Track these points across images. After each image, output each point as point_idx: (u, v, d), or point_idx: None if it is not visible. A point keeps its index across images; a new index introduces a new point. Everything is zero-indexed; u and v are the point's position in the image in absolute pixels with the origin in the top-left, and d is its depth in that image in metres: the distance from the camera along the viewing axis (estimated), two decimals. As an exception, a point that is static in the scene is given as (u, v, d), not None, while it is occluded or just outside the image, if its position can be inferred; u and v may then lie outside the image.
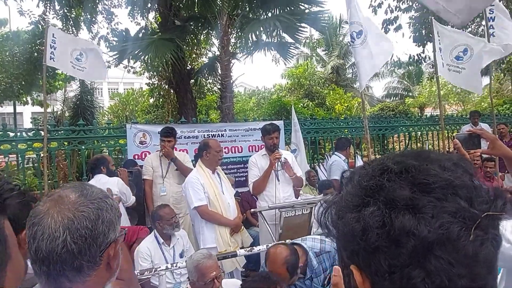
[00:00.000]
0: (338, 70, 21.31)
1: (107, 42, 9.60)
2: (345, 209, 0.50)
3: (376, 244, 0.46)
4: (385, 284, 0.46)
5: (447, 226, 0.43)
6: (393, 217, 0.44)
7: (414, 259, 0.43)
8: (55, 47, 4.75)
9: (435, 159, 0.49)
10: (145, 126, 5.66)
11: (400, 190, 0.46)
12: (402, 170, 0.48)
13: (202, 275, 2.30)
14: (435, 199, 0.44)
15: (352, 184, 0.52)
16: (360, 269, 0.49)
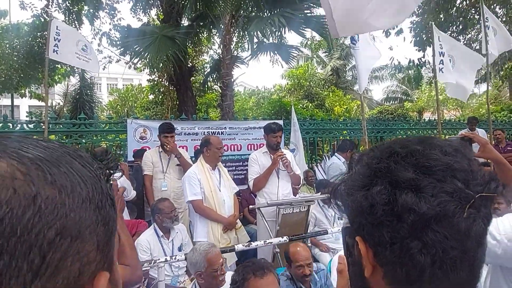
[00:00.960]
0: (338, 72, 21.39)
1: (109, 38, 9.61)
2: (355, 188, 0.56)
3: (381, 218, 0.51)
4: (386, 253, 0.52)
5: (444, 204, 0.48)
6: (397, 195, 0.50)
7: (413, 232, 0.49)
8: (59, 39, 4.77)
9: (438, 144, 0.54)
10: (146, 122, 5.69)
11: (405, 172, 0.51)
12: (407, 154, 0.53)
13: (211, 264, 2.38)
14: (435, 180, 0.49)
15: (361, 165, 0.57)
16: (364, 240, 0.55)
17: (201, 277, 2.40)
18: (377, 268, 0.55)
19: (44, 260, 0.30)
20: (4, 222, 0.29)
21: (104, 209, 0.37)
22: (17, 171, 0.32)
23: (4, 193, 0.30)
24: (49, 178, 0.33)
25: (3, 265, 0.28)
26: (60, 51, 4.74)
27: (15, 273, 0.29)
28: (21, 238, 0.29)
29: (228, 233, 3.64)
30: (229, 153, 6.02)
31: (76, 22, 9.15)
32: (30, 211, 0.30)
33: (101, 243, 0.36)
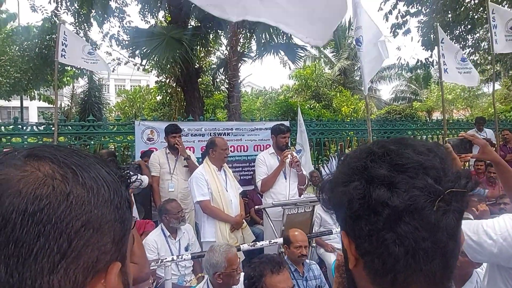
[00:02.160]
0: (346, 72, 21.30)
1: (117, 40, 9.72)
2: (336, 184, 0.60)
3: (358, 212, 0.55)
4: (365, 245, 0.56)
5: (415, 198, 0.52)
6: (371, 190, 0.54)
7: (388, 225, 0.53)
8: (66, 44, 4.88)
9: (411, 144, 0.58)
10: (153, 123, 5.76)
11: (379, 169, 0.55)
12: (383, 153, 0.57)
13: (231, 264, 2.45)
14: (407, 177, 0.53)
15: (343, 165, 0.62)
16: (347, 234, 0.60)
17: (220, 277, 2.45)
18: (359, 260, 0.58)
19: (70, 245, 0.37)
20: (44, 211, 0.37)
21: (122, 210, 0.44)
22: (57, 173, 0.39)
23: (45, 189, 0.38)
24: (80, 180, 0.40)
25: (39, 246, 0.36)
26: (68, 56, 4.85)
27: (47, 253, 0.36)
28: (54, 225, 0.37)
29: (235, 233, 3.68)
30: (236, 154, 6.06)
31: (85, 24, 9.27)
32: (63, 205, 0.38)
33: (117, 238, 0.43)
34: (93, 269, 0.40)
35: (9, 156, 0.41)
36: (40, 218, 0.36)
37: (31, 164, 0.40)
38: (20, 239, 0.35)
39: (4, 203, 0.36)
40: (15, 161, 0.40)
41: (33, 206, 0.36)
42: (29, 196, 0.37)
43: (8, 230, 0.35)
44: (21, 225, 0.35)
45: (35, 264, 0.36)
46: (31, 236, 0.36)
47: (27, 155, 0.41)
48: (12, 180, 0.37)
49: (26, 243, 0.35)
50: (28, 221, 0.36)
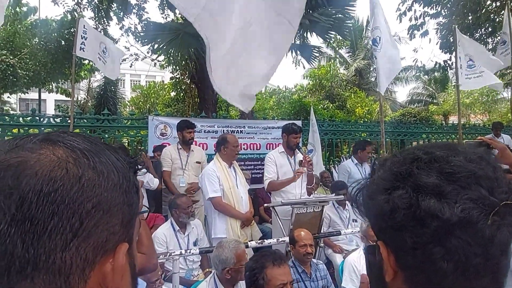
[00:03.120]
0: (361, 73, 21.08)
1: (135, 35, 9.83)
2: (376, 191, 0.56)
3: (402, 223, 0.51)
4: (408, 258, 0.52)
5: (468, 211, 0.48)
6: (420, 200, 0.50)
7: (436, 238, 0.49)
8: (86, 37, 4.97)
9: (462, 151, 0.54)
10: (167, 119, 5.82)
11: (428, 177, 0.51)
12: (430, 160, 0.53)
13: (240, 260, 2.49)
14: (459, 187, 0.49)
15: (384, 170, 0.58)
16: (386, 244, 0.56)
17: (229, 273, 2.48)
18: (398, 273, 0.55)
19: (82, 225, 0.40)
20: (57, 192, 0.39)
21: (130, 194, 0.46)
22: (70, 157, 0.42)
23: (59, 172, 0.40)
24: (91, 165, 0.43)
25: (53, 224, 0.38)
26: (86, 49, 4.93)
27: (60, 231, 0.38)
28: (67, 206, 0.39)
29: (244, 229, 3.71)
30: (248, 151, 6.08)
31: (104, 19, 9.40)
32: (76, 187, 0.40)
33: (125, 220, 0.45)
34: (102, 248, 0.42)
35: (25, 140, 0.43)
36: (54, 198, 0.38)
37: (46, 148, 0.42)
38: (36, 217, 0.37)
39: (21, 183, 0.38)
40: (31, 145, 0.42)
41: (48, 187, 0.38)
42: (45, 177, 0.39)
43: (25, 208, 0.37)
44: (36, 204, 0.37)
45: (49, 241, 0.38)
46: (45, 215, 0.38)
47: (42, 140, 0.43)
48: (28, 162, 0.39)
49: (41, 221, 0.37)
50: (43, 201, 0.38)
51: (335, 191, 4.35)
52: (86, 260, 0.40)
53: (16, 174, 0.38)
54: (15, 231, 0.37)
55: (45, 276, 0.38)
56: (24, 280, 0.37)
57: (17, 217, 0.37)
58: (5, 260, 0.37)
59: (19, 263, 0.37)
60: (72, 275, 0.40)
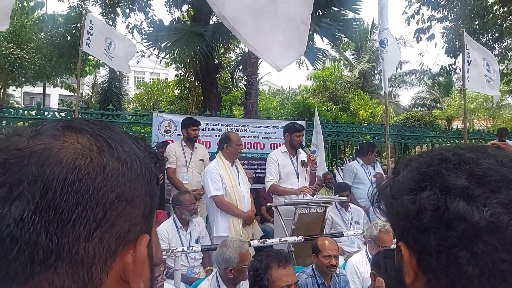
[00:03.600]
0: (366, 75, 21.06)
1: (141, 32, 9.85)
2: (401, 191, 0.54)
3: (428, 224, 0.50)
4: (432, 261, 0.51)
5: (497, 215, 0.46)
6: (448, 202, 0.49)
7: (463, 242, 0.48)
8: (92, 33, 4.97)
9: (493, 154, 0.53)
10: (171, 116, 5.82)
11: (457, 179, 0.50)
12: (460, 161, 0.52)
13: (243, 260, 2.48)
14: (489, 190, 0.48)
15: (409, 170, 0.56)
16: (408, 246, 0.54)
17: (231, 272, 2.47)
18: (420, 276, 0.53)
19: (105, 215, 0.39)
20: (82, 181, 0.38)
21: (151, 185, 0.45)
22: (94, 145, 0.41)
23: (83, 160, 0.39)
24: (115, 154, 0.42)
25: (77, 214, 0.37)
26: (92, 45, 4.94)
27: (84, 221, 0.38)
28: (92, 195, 0.38)
29: (246, 228, 3.70)
30: (252, 151, 6.07)
31: (111, 15, 9.43)
32: (100, 176, 0.39)
33: (146, 211, 0.44)
34: (124, 239, 0.41)
35: (47, 126, 0.42)
36: (79, 188, 0.38)
37: (70, 135, 0.41)
38: (60, 206, 0.37)
39: (45, 171, 0.37)
40: (54, 132, 0.41)
41: (72, 176, 0.38)
42: (69, 165, 0.38)
43: (49, 197, 0.36)
44: (61, 193, 0.37)
45: (73, 231, 0.37)
46: (70, 204, 0.37)
47: (66, 127, 0.42)
48: (52, 149, 0.39)
49: (66, 210, 0.37)
50: (67, 190, 0.37)
51: (339, 193, 4.35)
52: (108, 251, 0.40)
53: (40, 162, 0.38)
54: (39, 219, 0.36)
55: (68, 266, 0.37)
56: (47, 270, 0.37)
57: (41, 205, 0.36)
58: (28, 249, 0.36)
59: (43, 253, 0.36)
60: (94, 265, 0.39)
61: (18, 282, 0.36)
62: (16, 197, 0.36)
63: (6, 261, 0.36)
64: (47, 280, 0.37)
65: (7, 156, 0.38)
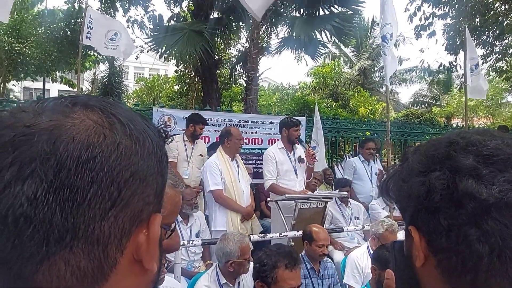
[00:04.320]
0: (366, 72, 21.04)
1: (141, 27, 9.82)
2: (411, 174, 0.56)
3: (438, 204, 0.51)
4: (442, 241, 0.52)
5: (505, 192, 0.47)
6: (458, 181, 0.50)
7: (472, 220, 0.48)
8: (92, 27, 4.96)
9: (499, 136, 0.54)
10: (171, 111, 5.82)
11: (465, 159, 0.51)
12: (467, 143, 0.53)
13: (244, 253, 2.48)
14: (496, 169, 0.49)
15: (418, 154, 0.57)
16: (418, 229, 0.55)
17: (232, 266, 2.47)
18: (430, 258, 0.54)
19: (120, 194, 0.38)
20: (97, 159, 0.37)
21: (162, 163, 0.45)
22: (106, 122, 0.40)
23: (96, 137, 0.38)
24: (127, 132, 0.41)
25: (92, 192, 0.37)
26: (93, 38, 4.92)
27: (99, 200, 0.37)
28: (106, 174, 0.37)
29: (245, 223, 3.70)
30: (250, 146, 6.07)
31: (111, 9, 9.39)
32: (114, 154, 0.38)
33: (158, 190, 0.44)
34: (138, 218, 0.41)
35: (54, 103, 0.41)
36: (93, 166, 0.37)
37: (80, 112, 0.40)
38: (75, 184, 0.36)
39: (58, 149, 0.36)
40: (63, 108, 0.40)
41: (86, 153, 0.37)
42: (83, 143, 0.37)
43: (63, 175, 0.36)
44: (75, 171, 0.36)
45: (89, 209, 0.36)
46: (85, 183, 0.36)
47: (74, 103, 0.41)
48: (63, 126, 0.38)
49: (81, 189, 0.36)
50: (82, 168, 0.36)
51: (339, 188, 4.35)
52: (123, 230, 0.39)
53: (52, 139, 0.36)
54: (53, 198, 0.35)
55: (84, 245, 0.37)
56: (63, 250, 0.36)
57: (55, 184, 0.35)
58: (43, 228, 0.35)
59: (58, 232, 0.35)
60: (110, 245, 0.39)
61: (33, 263, 0.36)
62: (28, 175, 0.35)
63: (21, 241, 0.35)
64: (63, 260, 0.36)
65: (15, 133, 0.36)
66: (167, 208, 1.00)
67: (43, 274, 0.36)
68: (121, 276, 0.40)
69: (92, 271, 0.38)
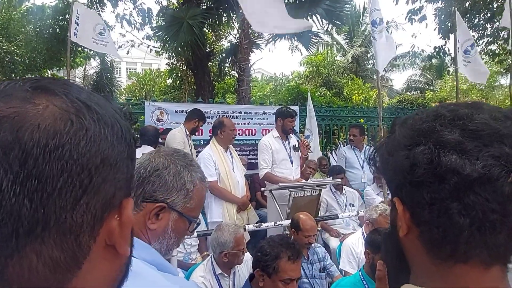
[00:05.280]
0: (358, 60, 20.99)
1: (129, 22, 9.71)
2: (397, 147, 0.56)
3: (421, 178, 0.52)
4: (424, 213, 0.53)
5: (489, 168, 0.48)
6: (442, 156, 0.50)
7: (454, 194, 0.49)
8: (79, 23, 4.88)
9: (487, 109, 0.54)
10: (163, 104, 5.79)
11: (450, 134, 0.51)
12: (454, 117, 0.53)
13: (238, 244, 2.49)
14: (481, 144, 0.49)
15: (405, 127, 0.58)
16: (402, 201, 0.56)
17: (226, 256, 2.48)
18: (413, 228, 0.55)
19: (91, 181, 0.37)
20: (65, 147, 0.36)
21: (131, 148, 0.44)
22: (72, 107, 0.38)
23: (63, 124, 0.37)
24: (95, 116, 0.39)
25: (63, 181, 0.35)
26: (79, 35, 4.85)
27: (70, 189, 0.36)
28: (76, 161, 0.36)
29: (241, 213, 3.72)
30: (244, 137, 6.07)
31: (98, 5, 9.27)
32: (83, 140, 0.37)
33: (129, 174, 0.43)
34: (110, 204, 0.40)
35: (12, 86, 0.39)
36: (62, 154, 0.35)
37: (42, 97, 0.38)
38: (43, 174, 0.34)
39: (22, 138, 0.34)
40: (23, 94, 0.38)
41: (54, 141, 0.35)
42: (49, 130, 0.36)
43: (30, 165, 0.34)
44: (43, 161, 0.35)
45: (59, 199, 0.35)
46: (54, 172, 0.35)
47: (35, 88, 0.39)
48: (26, 113, 0.36)
49: (50, 179, 0.35)
50: (50, 157, 0.35)
51: (332, 175, 4.37)
52: (95, 217, 0.39)
53: (15, 127, 0.34)
54: (20, 190, 0.34)
55: (56, 236, 0.36)
56: (34, 242, 0.35)
57: (21, 175, 0.34)
58: (11, 221, 0.34)
59: (28, 224, 0.34)
60: (82, 233, 0.38)
61: (2, 256, 0.34)
62: None
63: None
64: (34, 252, 0.35)
65: None
66: (195, 201, 1.02)
67: (14, 267, 0.35)
68: (94, 262, 0.40)
69: (65, 260, 0.37)
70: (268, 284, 2.03)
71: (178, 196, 0.96)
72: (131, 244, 0.46)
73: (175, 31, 7.35)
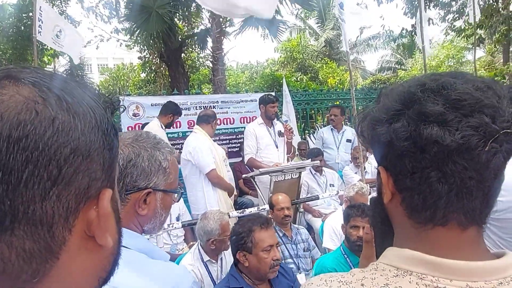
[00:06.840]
0: (331, 43, 21.13)
1: (97, 14, 9.44)
2: (380, 121, 0.58)
3: (403, 149, 0.55)
4: (406, 181, 0.56)
5: (468, 137, 0.50)
6: (422, 129, 0.52)
7: (434, 163, 0.53)
8: (42, 20, 4.73)
9: (470, 79, 0.55)
10: (138, 98, 5.72)
11: (433, 105, 0.53)
12: (438, 87, 0.54)
13: (224, 230, 2.55)
14: (462, 114, 0.51)
15: (389, 98, 0.59)
16: (386, 169, 0.60)
17: (213, 243, 2.54)
18: (396, 195, 0.59)
19: (61, 172, 0.37)
20: (29, 138, 0.35)
21: (109, 136, 0.43)
22: (38, 97, 0.37)
23: (28, 114, 0.35)
24: (64, 105, 0.38)
25: (28, 173, 0.35)
26: (43, 33, 4.70)
27: (37, 180, 0.35)
28: (42, 152, 0.35)
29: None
30: (222, 126, 6.07)
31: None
32: (50, 131, 0.36)
33: (106, 164, 0.42)
34: (85, 195, 0.39)
35: None
36: (26, 145, 0.34)
37: (7, 86, 0.37)
38: (7, 166, 0.34)
39: None
40: None
41: (17, 132, 0.34)
42: (12, 121, 0.35)
43: None
44: (6, 152, 0.34)
45: (26, 191, 0.35)
46: (19, 163, 0.34)
47: (3, 77, 0.38)
48: None
49: (15, 170, 0.34)
50: (14, 148, 0.34)
51: (311, 158, 4.47)
52: (69, 209, 0.38)
53: None
54: None
55: (26, 227, 0.35)
56: (3, 233, 0.35)
57: None
58: None
59: None
60: (55, 224, 0.37)
61: None
62: None
63: None
64: (5, 243, 0.35)
65: None
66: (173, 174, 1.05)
67: None
68: (73, 253, 0.40)
69: (39, 251, 0.37)
70: (252, 260, 2.08)
71: (158, 177, 0.98)
72: (119, 235, 0.46)
73: (144, 20, 7.20)
